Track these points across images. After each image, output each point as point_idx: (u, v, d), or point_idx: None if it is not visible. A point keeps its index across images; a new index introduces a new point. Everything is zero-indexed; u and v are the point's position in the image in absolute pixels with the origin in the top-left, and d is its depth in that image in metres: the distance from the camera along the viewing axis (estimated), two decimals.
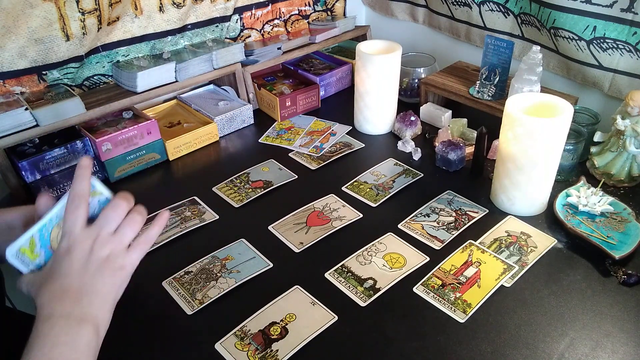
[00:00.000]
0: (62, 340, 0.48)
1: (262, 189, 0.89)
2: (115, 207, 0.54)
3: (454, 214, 0.82)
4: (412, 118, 1.02)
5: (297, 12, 1.25)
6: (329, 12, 1.32)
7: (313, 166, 0.95)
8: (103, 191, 0.55)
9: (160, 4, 1.00)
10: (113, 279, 0.53)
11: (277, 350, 0.60)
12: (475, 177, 0.91)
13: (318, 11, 1.29)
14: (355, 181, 0.91)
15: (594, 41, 0.88)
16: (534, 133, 0.72)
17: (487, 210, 0.82)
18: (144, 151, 0.94)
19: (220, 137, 1.06)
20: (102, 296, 0.52)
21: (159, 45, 1.05)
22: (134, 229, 0.55)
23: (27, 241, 0.53)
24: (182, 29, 1.06)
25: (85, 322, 0.50)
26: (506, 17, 1.04)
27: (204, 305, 0.67)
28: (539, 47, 0.88)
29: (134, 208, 0.55)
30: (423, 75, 1.11)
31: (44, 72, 0.92)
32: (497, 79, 0.98)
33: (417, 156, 0.96)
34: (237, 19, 1.15)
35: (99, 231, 0.53)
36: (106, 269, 0.53)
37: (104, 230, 0.54)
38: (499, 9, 1.04)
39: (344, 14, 1.35)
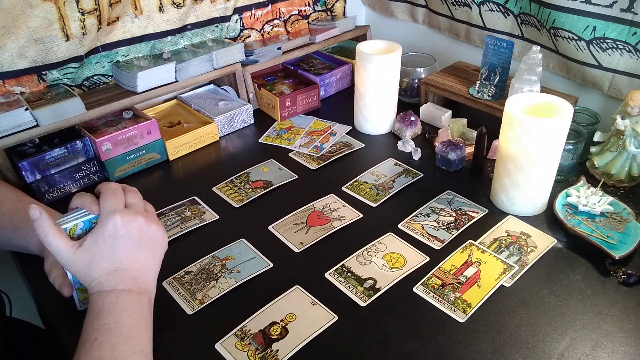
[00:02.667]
0: (128, 306, 0.54)
1: (262, 189, 0.89)
2: (131, 192, 0.61)
3: (454, 214, 0.82)
4: (412, 118, 1.02)
5: (297, 12, 1.25)
6: (328, 12, 1.32)
7: (313, 166, 0.95)
8: (82, 217, 0.59)
9: (160, 4, 1.00)
10: (160, 252, 0.61)
11: (277, 350, 0.61)
12: (475, 177, 0.91)
13: (318, 11, 1.29)
14: (355, 181, 0.91)
15: (594, 41, 0.88)
16: (534, 133, 0.72)
17: (487, 210, 0.82)
18: (144, 151, 0.94)
19: (220, 137, 1.06)
20: (153, 272, 0.60)
21: (159, 45, 1.05)
22: (148, 204, 0.63)
23: (70, 227, 0.58)
24: (182, 29, 1.06)
25: (144, 295, 0.57)
26: (506, 17, 1.04)
27: (204, 305, 0.67)
28: (538, 47, 0.88)
29: (127, 188, 0.61)
30: (423, 75, 1.11)
31: (43, 72, 0.92)
32: (497, 79, 0.98)
33: (417, 156, 0.97)
34: (237, 19, 1.15)
35: (139, 210, 0.59)
36: (155, 245, 0.59)
37: (140, 208, 0.59)
38: (498, 9, 1.04)
39: (344, 14, 1.35)
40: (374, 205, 0.85)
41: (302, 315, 0.65)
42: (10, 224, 0.68)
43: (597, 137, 0.87)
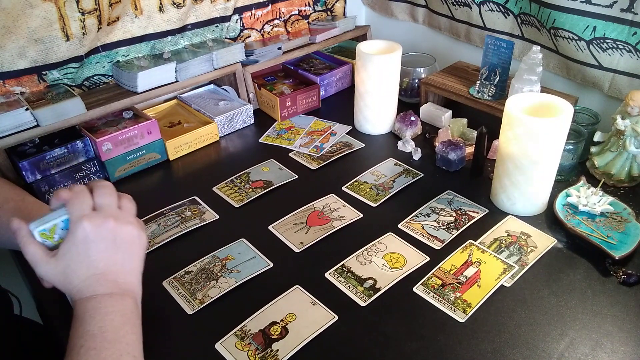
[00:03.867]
0: (111, 310, 0.53)
1: (262, 189, 0.89)
2: (101, 190, 0.57)
3: (454, 214, 0.82)
4: (412, 118, 1.02)
5: (297, 12, 1.25)
6: (329, 12, 1.32)
7: (313, 166, 0.95)
8: (60, 217, 0.58)
9: (160, 4, 1.00)
10: (138, 251, 0.58)
11: (278, 350, 0.61)
12: (475, 177, 0.91)
13: (318, 11, 1.29)
14: (356, 181, 0.91)
15: (594, 41, 0.88)
16: (534, 133, 0.72)
17: (487, 210, 0.82)
18: (145, 151, 0.94)
19: (220, 137, 1.06)
20: (134, 273, 0.58)
21: (159, 45, 1.05)
22: (125, 200, 0.60)
23: (49, 228, 0.57)
24: (182, 29, 1.06)
25: (126, 296, 0.55)
26: (506, 17, 1.04)
27: (205, 305, 0.67)
28: (539, 47, 0.88)
29: (98, 185, 0.58)
30: (423, 75, 1.11)
31: (44, 72, 0.92)
32: (497, 79, 0.98)
33: (417, 156, 0.97)
34: (237, 19, 1.15)
35: (108, 211, 0.56)
36: (131, 245, 0.57)
37: (111, 209, 0.57)
38: (498, 9, 1.04)
39: (344, 14, 1.35)
40: (374, 205, 0.85)
41: (302, 315, 0.65)
42: None
43: (597, 137, 0.87)
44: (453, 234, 0.78)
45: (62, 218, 0.57)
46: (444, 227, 0.79)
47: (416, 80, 1.12)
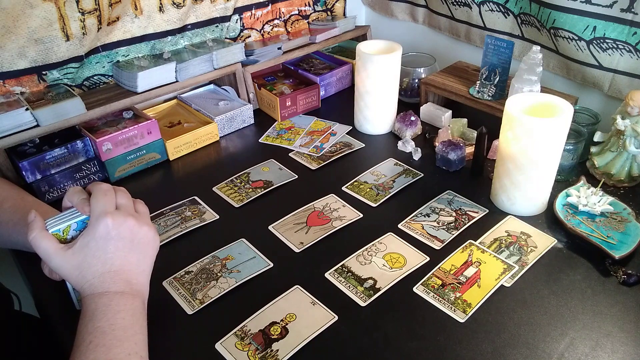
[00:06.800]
0: (122, 308, 0.54)
1: (262, 189, 0.89)
2: (120, 193, 0.59)
3: (454, 214, 0.82)
4: (412, 118, 1.02)
5: (297, 12, 1.25)
6: (329, 12, 1.32)
7: (313, 166, 0.95)
8: (76, 218, 0.59)
9: (160, 4, 1.00)
10: (151, 253, 0.60)
11: (278, 350, 0.61)
12: (475, 177, 0.91)
13: (318, 11, 1.29)
14: (356, 181, 0.91)
15: (594, 41, 0.88)
16: (534, 133, 0.72)
17: (487, 210, 0.82)
18: (144, 151, 0.94)
19: (220, 137, 1.06)
20: (145, 274, 0.59)
21: (159, 45, 1.05)
22: (139, 204, 0.62)
23: (63, 228, 0.57)
24: (182, 29, 1.06)
25: (137, 297, 0.56)
26: (506, 17, 1.04)
27: (205, 305, 0.67)
28: (539, 47, 0.88)
29: (116, 188, 0.60)
30: (423, 75, 1.11)
31: (43, 72, 0.92)
32: (497, 79, 0.98)
33: (417, 156, 0.97)
34: (237, 19, 1.15)
35: (129, 211, 0.58)
36: (146, 246, 0.58)
37: (130, 209, 0.59)
38: (499, 9, 1.04)
39: (344, 14, 1.35)
40: (374, 205, 0.85)
41: (302, 315, 0.65)
42: (11, 221, 0.68)
43: (597, 137, 0.87)
44: (453, 234, 0.78)
45: (79, 219, 0.58)
46: (444, 227, 0.79)
47: (416, 80, 1.12)
